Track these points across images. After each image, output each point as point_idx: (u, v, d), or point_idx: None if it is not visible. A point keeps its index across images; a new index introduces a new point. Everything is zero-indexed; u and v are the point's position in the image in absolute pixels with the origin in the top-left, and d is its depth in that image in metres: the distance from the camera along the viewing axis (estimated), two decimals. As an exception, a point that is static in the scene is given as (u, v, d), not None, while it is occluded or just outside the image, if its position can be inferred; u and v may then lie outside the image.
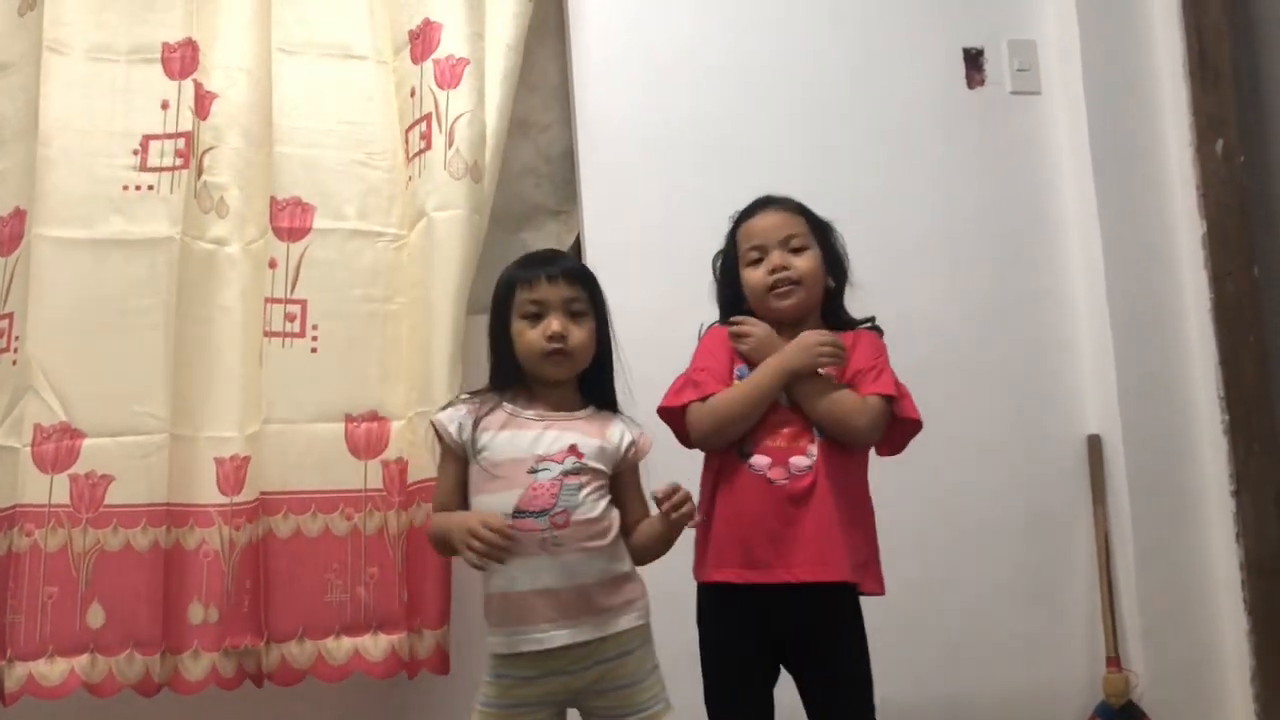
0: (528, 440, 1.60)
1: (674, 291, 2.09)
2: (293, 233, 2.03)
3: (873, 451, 1.79)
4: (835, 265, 1.84)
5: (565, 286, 1.65)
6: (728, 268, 1.85)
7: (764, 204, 1.83)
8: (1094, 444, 2.46)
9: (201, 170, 2.05)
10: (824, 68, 2.48)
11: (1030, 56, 2.59)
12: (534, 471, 1.57)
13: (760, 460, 1.70)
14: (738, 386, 1.72)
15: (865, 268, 1.91)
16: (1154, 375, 2.46)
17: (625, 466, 1.66)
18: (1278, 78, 2.68)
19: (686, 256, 1.94)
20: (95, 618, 1.86)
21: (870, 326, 1.84)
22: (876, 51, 2.51)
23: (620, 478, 1.66)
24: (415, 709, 2.07)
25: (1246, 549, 2.40)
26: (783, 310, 1.77)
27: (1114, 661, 2.33)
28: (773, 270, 1.76)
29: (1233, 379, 2.45)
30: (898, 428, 1.75)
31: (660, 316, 2.08)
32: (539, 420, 1.63)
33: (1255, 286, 2.49)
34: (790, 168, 2.31)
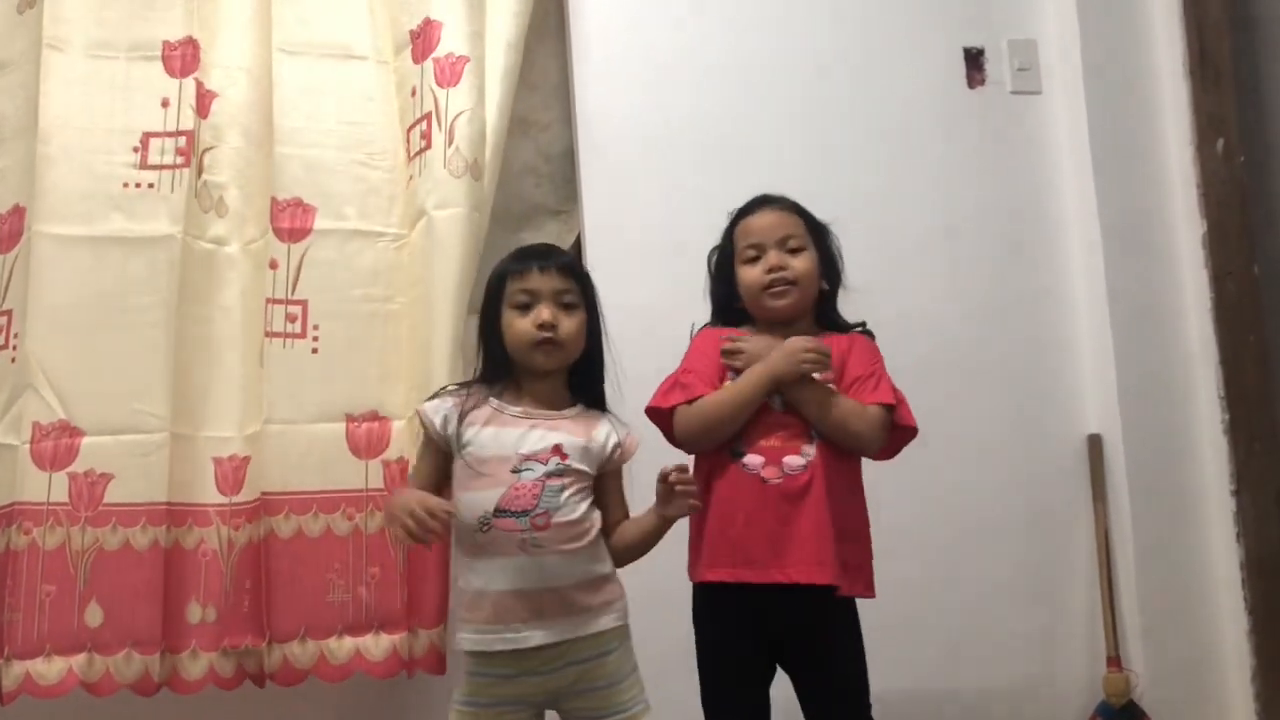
0: (513, 438, 1.60)
1: (674, 291, 2.08)
2: (293, 233, 2.03)
3: None
4: (830, 267, 1.84)
5: (557, 278, 1.64)
6: (723, 264, 1.85)
7: (763, 202, 1.83)
8: (1094, 443, 2.45)
9: (202, 169, 2.05)
10: (824, 67, 2.48)
11: (1030, 56, 2.58)
12: (517, 471, 1.57)
13: (754, 459, 1.70)
14: (724, 391, 1.72)
15: (865, 267, 1.92)
16: (1154, 374, 2.46)
17: (609, 468, 1.66)
18: (1278, 77, 2.67)
19: (687, 255, 1.94)
20: (93, 617, 1.85)
21: (862, 330, 1.84)
22: (877, 51, 2.51)
23: (603, 479, 1.66)
24: (415, 709, 2.07)
25: (1247, 548, 2.40)
26: (777, 310, 1.77)
27: (1114, 661, 2.33)
28: (769, 269, 1.76)
29: (1233, 378, 2.45)
30: (894, 434, 1.75)
31: (660, 315, 2.07)
32: (525, 418, 1.62)
33: (1256, 285, 2.49)
34: (790, 167, 2.31)
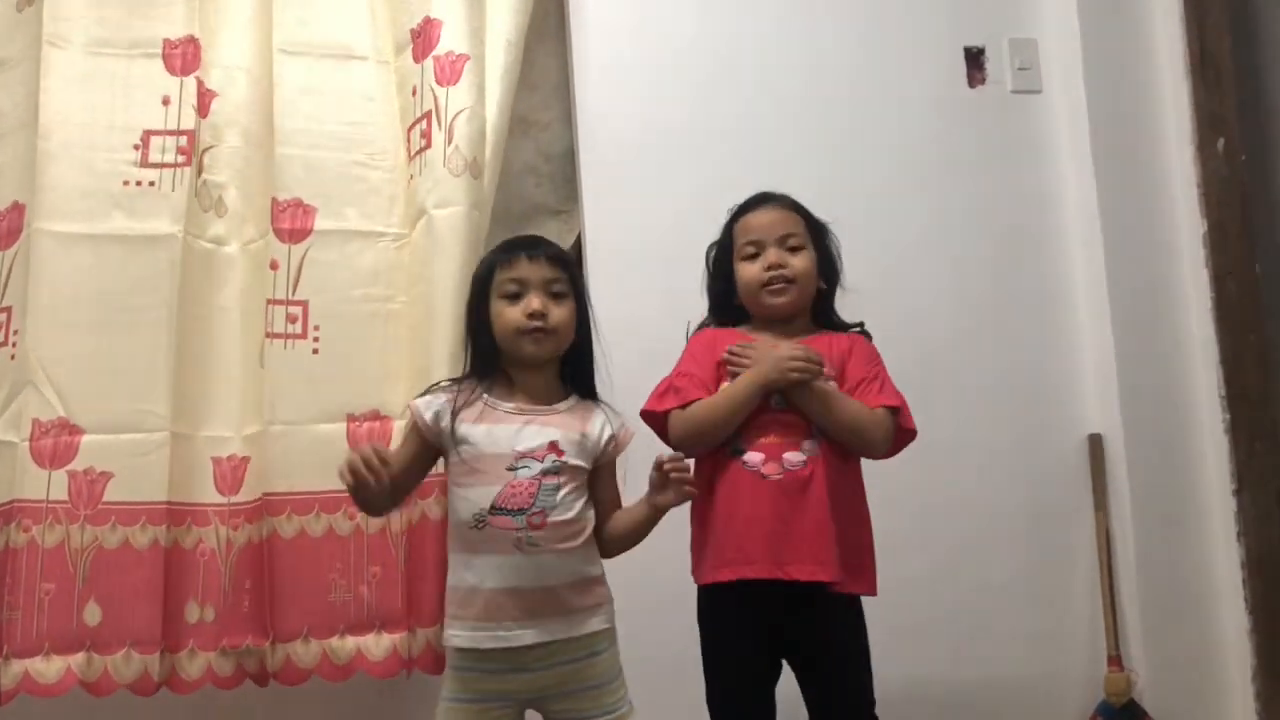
0: (508, 435, 1.60)
1: (674, 290, 2.07)
2: (294, 234, 2.03)
3: None
4: (828, 267, 1.84)
5: (546, 267, 1.64)
6: (721, 260, 1.85)
7: (763, 200, 1.83)
8: (1095, 443, 2.45)
9: (202, 169, 2.05)
10: (825, 66, 2.48)
11: (1031, 55, 2.58)
12: (513, 468, 1.57)
13: (754, 457, 1.69)
14: (716, 397, 1.72)
15: (866, 267, 1.92)
16: (1155, 374, 2.46)
17: (604, 461, 1.66)
18: (1279, 76, 2.67)
19: (687, 255, 1.94)
20: (92, 615, 1.85)
21: (860, 330, 1.84)
22: (877, 50, 2.51)
23: (597, 470, 1.66)
24: (414, 708, 2.06)
25: (1248, 548, 2.40)
26: (774, 307, 1.77)
27: (1115, 660, 2.32)
28: (768, 267, 1.76)
29: (1234, 378, 2.44)
30: (896, 436, 1.75)
31: (660, 314, 2.07)
32: (518, 414, 1.62)
33: (1256, 285, 2.49)
34: (791, 166, 2.30)
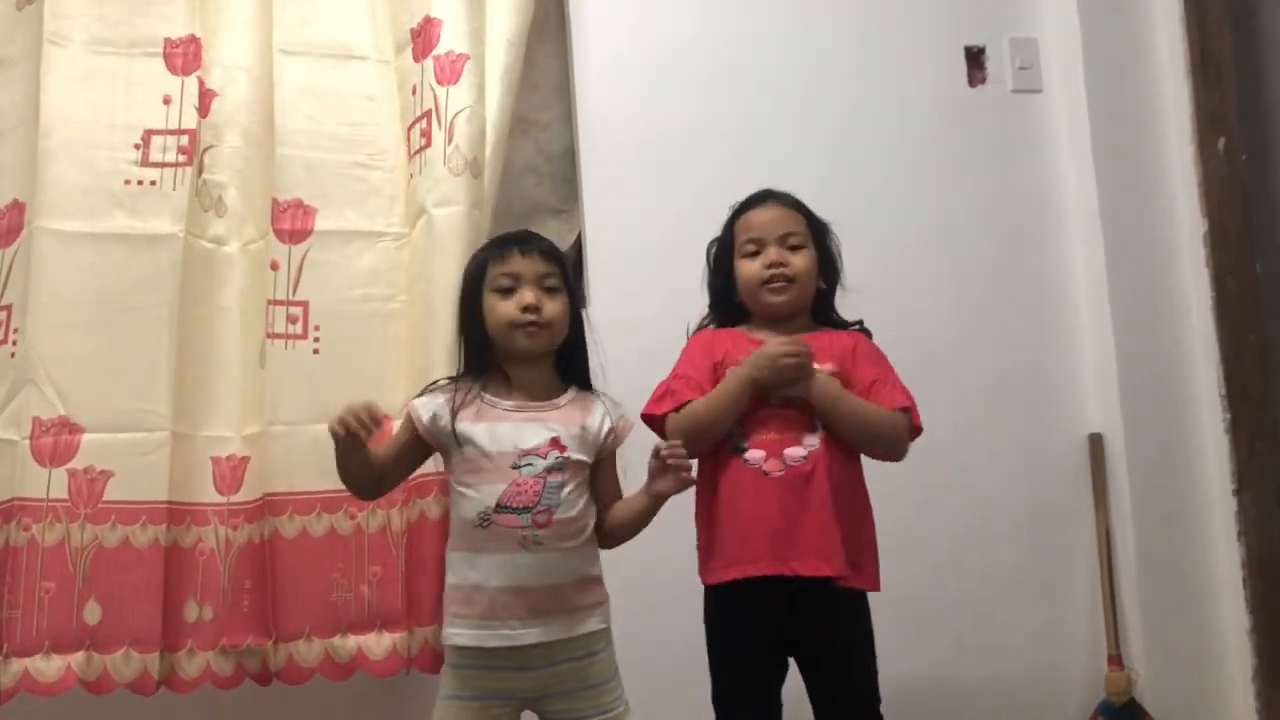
0: (510, 433, 1.60)
1: (675, 289, 2.07)
2: (294, 235, 2.03)
3: None
4: (829, 266, 1.84)
5: (539, 261, 1.65)
6: (722, 257, 1.85)
7: (765, 197, 1.83)
8: (1095, 442, 2.45)
9: (202, 168, 2.05)
10: (825, 65, 2.48)
11: (1032, 54, 2.58)
12: (517, 467, 1.57)
13: (755, 454, 1.69)
14: (708, 397, 1.72)
15: (866, 266, 1.92)
16: (1155, 373, 2.46)
17: (605, 453, 1.67)
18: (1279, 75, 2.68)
19: (687, 254, 1.93)
20: (92, 614, 1.85)
21: (860, 328, 1.84)
22: (878, 50, 2.51)
23: (598, 461, 1.66)
24: (411, 707, 2.06)
25: (1248, 547, 2.40)
26: (774, 306, 1.77)
27: (1115, 660, 2.33)
28: (769, 265, 1.76)
29: (1234, 377, 2.44)
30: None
31: (660, 314, 2.07)
32: (518, 411, 1.62)
33: (1257, 284, 2.49)
34: (791, 166, 2.30)
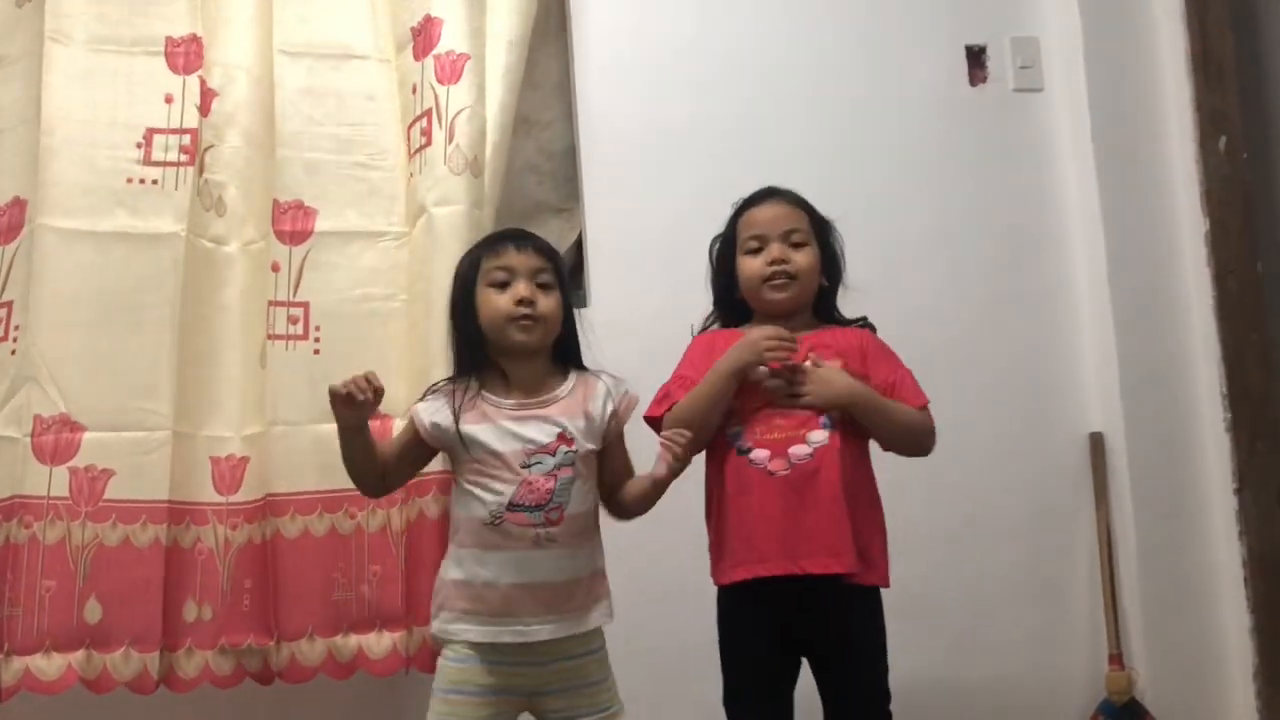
0: (516, 432, 1.60)
1: (676, 288, 2.08)
2: (295, 236, 2.02)
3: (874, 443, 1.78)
4: (831, 264, 1.83)
5: (534, 257, 1.65)
6: (725, 254, 1.84)
7: (768, 194, 1.82)
8: (1096, 441, 2.45)
9: (203, 168, 2.05)
10: (826, 64, 2.48)
11: (1033, 53, 2.58)
12: (527, 465, 1.58)
13: (760, 454, 1.69)
14: (691, 392, 1.72)
15: (867, 265, 1.91)
16: (1156, 372, 2.46)
17: (612, 434, 1.67)
18: (1281, 73, 2.68)
19: (688, 253, 1.93)
20: (92, 613, 1.85)
21: (864, 324, 1.84)
22: (878, 49, 2.51)
23: (607, 444, 1.67)
24: (409, 706, 2.06)
25: (1249, 546, 2.40)
26: (776, 303, 1.77)
27: (1116, 659, 2.33)
28: (771, 262, 1.75)
29: (1235, 376, 2.44)
30: None
31: (661, 312, 2.08)
32: (521, 409, 1.62)
33: (1258, 283, 2.49)
34: (792, 165, 2.29)
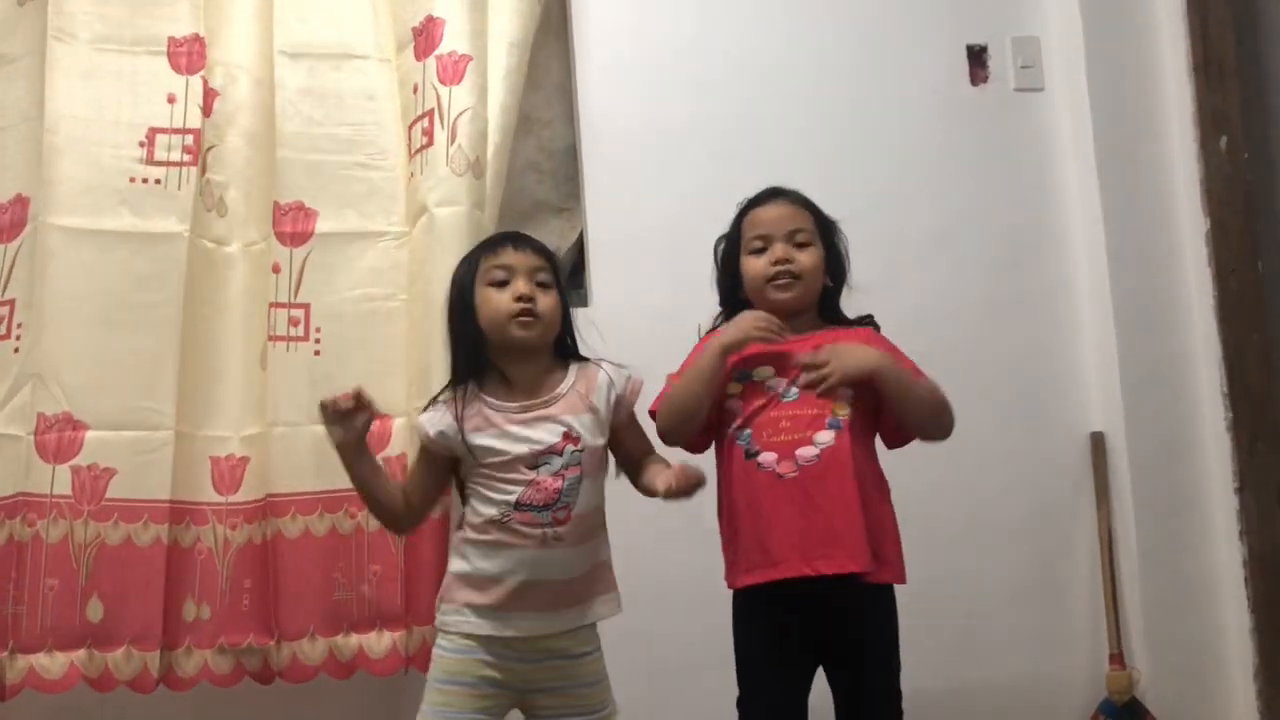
0: (522, 434, 1.60)
1: (677, 288, 2.08)
2: (295, 237, 2.03)
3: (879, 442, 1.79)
4: (836, 264, 1.83)
5: (532, 256, 1.66)
6: (729, 254, 1.84)
7: (773, 194, 1.82)
8: (1097, 441, 2.45)
9: (205, 168, 2.05)
10: (826, 64, 2.47)
11: (1034, 53, 2.58)
12: (535, 466, 1.58)
13: (767, 457, 1.69)
14: (685, 371, 1.73)
15: (868, 265, 1.91)
16: (1157, 372, 2.45)
17: (619, 422, 1.67)
18: (1282, 73, 2.68)
19: (689, 252, 1.94)
20: (94, 611, 1.86)
21: (868, 322, 1.84)
22: (880, 48, 2.51)
23: (616, 430, 1.67)
24: (408, 705, 2.06)
25: (1250, 546, 2.40)
26: (780, 303, 1.76)
27: (1117, 658, 2.33)
28: (775, 261, 1.75)
29: (1236, 376, 2.44)
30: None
31: (662, 312, 2.09)
32: (524, 411, 1.62)
33: (1259, 283, 2.49)
34: (793, 165, 2.27)
